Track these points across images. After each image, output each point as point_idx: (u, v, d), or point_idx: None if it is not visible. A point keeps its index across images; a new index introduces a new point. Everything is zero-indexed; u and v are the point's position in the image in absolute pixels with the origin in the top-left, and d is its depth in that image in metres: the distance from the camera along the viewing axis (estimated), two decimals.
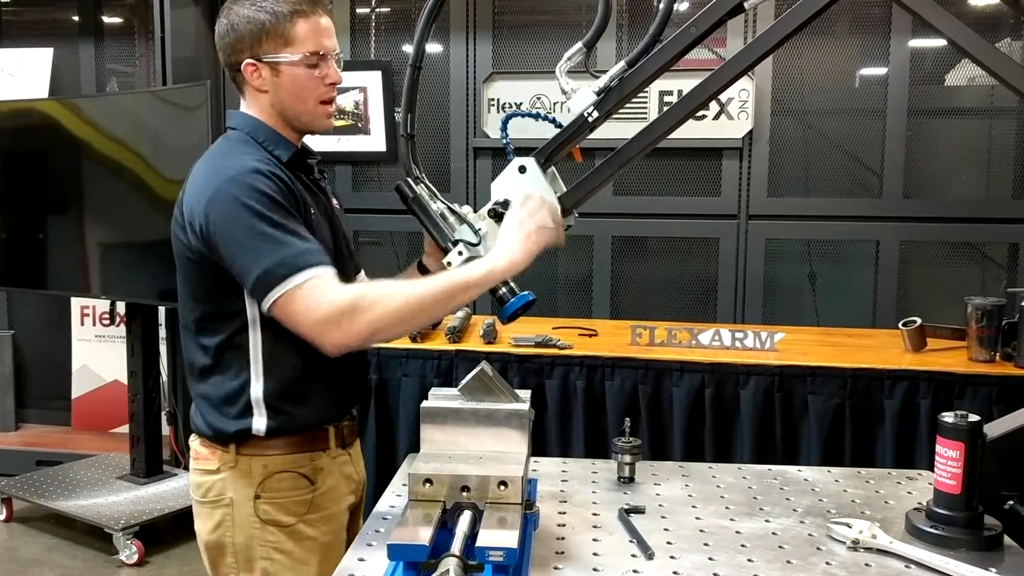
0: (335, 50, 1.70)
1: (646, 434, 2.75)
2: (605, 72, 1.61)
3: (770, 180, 4.16)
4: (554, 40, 4.38)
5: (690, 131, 4.47)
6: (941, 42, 4.12)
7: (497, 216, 1.63)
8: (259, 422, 1.65)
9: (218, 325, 1.66)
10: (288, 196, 1.61)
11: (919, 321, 2.85)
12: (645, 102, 4.13)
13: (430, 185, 1.71)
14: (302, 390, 1.68)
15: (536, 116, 1.77)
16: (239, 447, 1.67)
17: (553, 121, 1.70)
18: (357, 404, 1.92)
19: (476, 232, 1.66)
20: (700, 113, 4.26)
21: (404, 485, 1.71)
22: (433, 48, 4.48)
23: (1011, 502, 1.60)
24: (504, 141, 1.73)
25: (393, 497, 1.69)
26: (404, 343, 2.95)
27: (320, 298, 1.53)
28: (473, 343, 2.97)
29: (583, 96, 1.63)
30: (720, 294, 4.25)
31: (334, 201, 1.87)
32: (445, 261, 1.66)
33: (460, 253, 1.64)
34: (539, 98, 4.33)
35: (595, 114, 1.62)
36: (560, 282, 4.47)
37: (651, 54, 1.60)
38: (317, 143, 1.89)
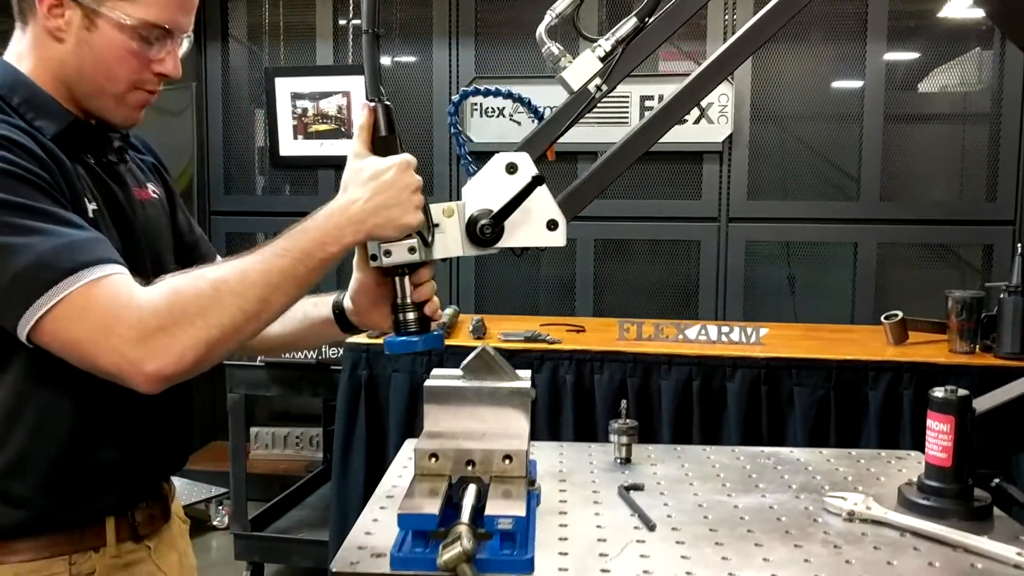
0: (186, 32, 1.30)
1: None
2: (594, 39, 1.32)
3: (750, 183, 4.24)
4: (537, 45, 4.44)
5: (671, 135, 4.46)
6: (926, 50, 4.23)
7: (474, 236, 1.28)
8: None
9: None
10: (45, 175, 1.15)
11: (901, 315, 2.90)
12: (626, 104, 4.18)
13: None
14: (58, 467, 1.19)
15: (506, 95, 1.41)
16: None
17: (529, 105, 1.41)
18: (170, 476, 1.45)
19: (430, 226, 1.26)
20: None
21: (404, 467, 1.72)
22: (415, 54, 4.52)
23: (997, 480, 1.64)
24: (453, 130, 1.43)
25: (395, 478, 1.70)
26: None
27: (121, 306, 1.07)
28: (463, 339, 2.99)
29: (585, 63, 1.33)
30: (701, 296, 4.31)
31: (149, 191, 1.41)
32: (383, 249, 1.22)
33: (412, 250, 1.23)
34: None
35: (604, 87, 1.33)
36: (543, 284, 4.51)
37: (669, 6, 1.34)
38: (303, 147, 1.48)
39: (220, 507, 4.18)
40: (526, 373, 1.53)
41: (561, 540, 1.39)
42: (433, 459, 1.37)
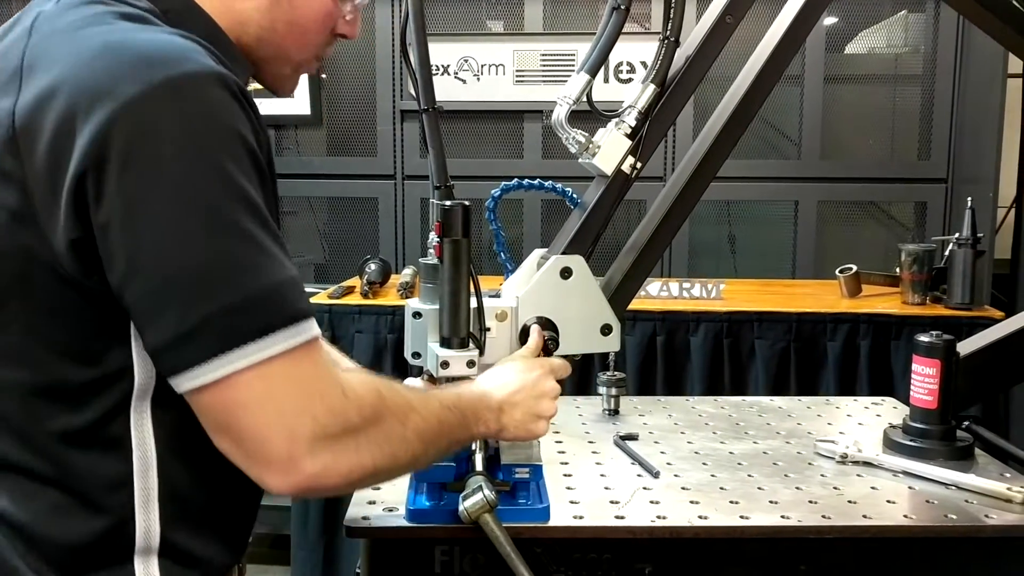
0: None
1: None
2: (608, 114, 1.28)
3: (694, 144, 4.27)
4: (482, 1, 4.38)
5: (613, 95, 4.54)
6: (852, 13, 4.31)
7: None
8: None
9: (77, 403, 0.87)
10: (262, 157, 0.89)
11: (855, 268, 2.98)
12: (572, 61, 4.16)
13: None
14: (220, 509, 0.96)
15: (539, 187, 1.45)
16: None
17: (566, 195, 1.42)
18: None
19: (482, 330, 1.24)
20: (626, 76, 4.35)
21: None
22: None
23: (967, 423, 1.70)
24: (492, 227, 1.40)
25: None
26: (355, 299, 2.91)
27: (330, 383, 0.86)
28: (391, 298, 2.94)
29: (615, 145, 1.28)
30: None
31: None
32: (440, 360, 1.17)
33: (471, 364, 1.20)
34: (466, 60, 4.31)
35: (638, 165, 1.29)
36: (488, 247, 4.49)
37: (686, 65, 1.32)
38: None
39: None
40: None
41: (569, 489, 1.40)
42: None
